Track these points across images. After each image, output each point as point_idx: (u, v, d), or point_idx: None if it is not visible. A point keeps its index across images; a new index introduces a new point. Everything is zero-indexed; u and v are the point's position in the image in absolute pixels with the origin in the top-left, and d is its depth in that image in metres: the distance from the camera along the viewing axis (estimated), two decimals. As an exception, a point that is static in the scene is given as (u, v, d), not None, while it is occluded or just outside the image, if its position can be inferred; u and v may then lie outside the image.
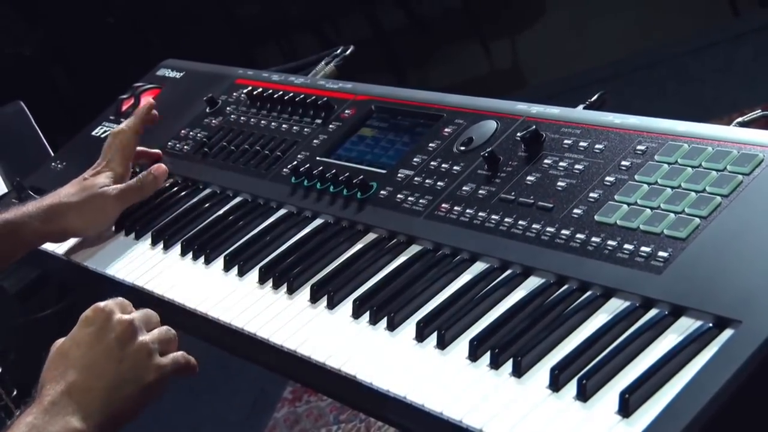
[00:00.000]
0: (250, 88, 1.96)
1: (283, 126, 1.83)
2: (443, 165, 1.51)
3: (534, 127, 1.44)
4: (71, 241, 1.86)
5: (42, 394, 1.33)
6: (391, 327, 1.32)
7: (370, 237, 1.51)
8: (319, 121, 1.78)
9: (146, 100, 2.16)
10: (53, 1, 4.96)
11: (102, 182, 1.81)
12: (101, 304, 1.40)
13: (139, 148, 1.92)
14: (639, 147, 1.33)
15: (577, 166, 1.37)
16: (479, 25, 5.02)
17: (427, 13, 5.44)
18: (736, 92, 3.68)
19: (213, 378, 3.44)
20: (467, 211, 1.42)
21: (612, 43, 4.49)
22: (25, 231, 1.77)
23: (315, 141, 1.74)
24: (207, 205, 1.78)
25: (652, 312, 1.16)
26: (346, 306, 1.39)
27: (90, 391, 1.33)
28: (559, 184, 1.36)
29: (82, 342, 1.36)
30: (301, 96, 1.84)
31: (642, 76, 4.18)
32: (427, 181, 1.51)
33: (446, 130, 1.57)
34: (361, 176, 1.57)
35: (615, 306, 1.19)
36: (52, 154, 2.27)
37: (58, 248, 1.87)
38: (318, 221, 1.60)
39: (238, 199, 1.76)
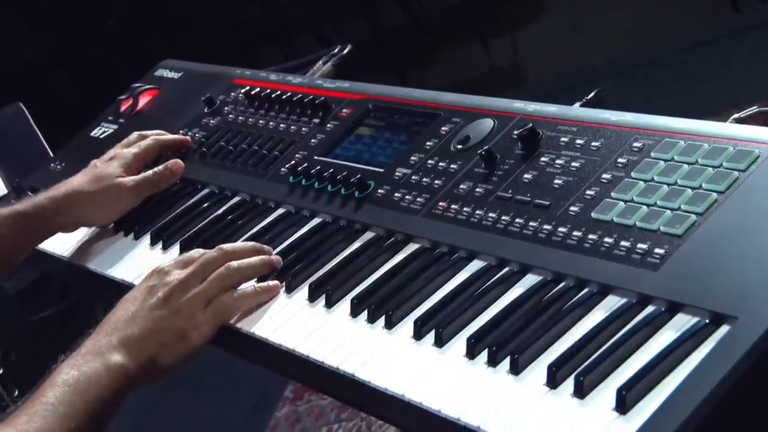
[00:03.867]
0: (247, 87, 1.96)
1: (281, 125, 1.83)
2: (440, 163, 1.52)
3: (531, 125, 1.44)
4: (72, 242, 1.87)
5: (82, 345, 1.41)
6: (389, 325, 1.32)
7: (368, 236, 1.51)
8: (316, 120, 1.78)
9: (144, 100, 2.17)
10: (53, 3, 4.97)
11: (115, 172, 1.80)
12: (163, 263, 1.50)
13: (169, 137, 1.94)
14: (635, 144, 1.34)
15: (573, 164, 1.37)
16: (479, 23, 5.02)
17: (427, 12, 5.45)
18: (735, 89, 3.68)
19: (215, 378, 3.44)
20: (464, 209, 1.42)
21: (611, 40, 4.49)
22: (37, 222, 1.77)
23: (313, 140, 1.74)
24: (205, 205, 1.78)
25: (649, 309, 1.16)
26: (344, 304, 1.40)
27: (129, 335, 1.41)
28: (556, 181, 1.36)
29: (130, 298, 1.46)
30: (299, 95, 1.84)
31: (641, 73, 4.18)
32: (424, 179, 1.51)
33: (443, 128, 1.57)
34: (359, 175, 1.57)
35: (612, 303, 1.19)
36: (52, 155, 2.27)
37: (59, 249, 1.87)
38: (316, 220, 1.61)
39: (236, 199, 1.76)
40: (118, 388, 1.37)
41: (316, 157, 1.70)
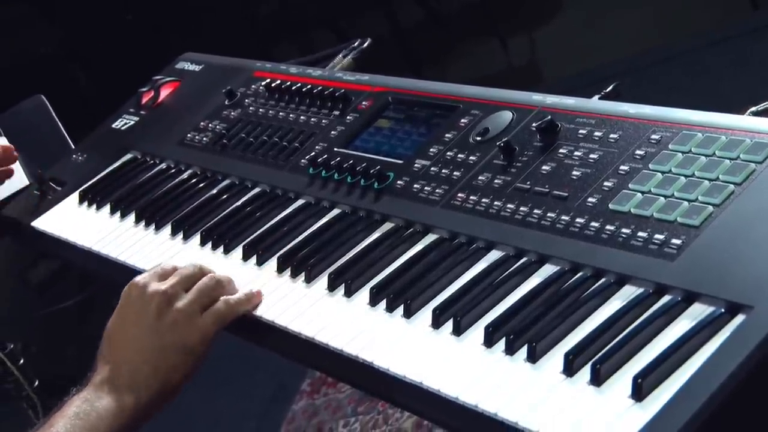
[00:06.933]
0: (268, 80, 1.98)
1: (301, 117, 1.85)
2: (459, 155, 1.53)
3: (549, 117, 1.45)
4: (93, 232, 1.88)
5: (93, 376, 1.40)
6: (408, 314, 1.33)
7: (387, 226, 1.53)
8: (336, 112, 1.80)
9: (165, 92, 2.19)
10: (72, -2, 5.00)
11: None
12: (137, 278, 1.48)
13: None
14: (653, 136, 1.35)
15: (591, 156, 1.38)
16: (496, 20, 5.02)
17: (445, 8, 5.45)
18: (753, 86, 3.68)
19: (232, 370, 3.46)
20: (483, 200, 1.43)
21: (629, 37, 4.49)
22: None
23: (332, 132, 1.76)
24: (226, 196, 1.80)
25: (665, 298, 1.17)
26: (364, 294, 1.41)
27: (136, 366, 1.41)
28: (574, 173, 1.37)
29: (122, 320, 1.45)
30: (319, 88, 1.85)
31: (658, 70, 4.18)
32: (443, 171, 1.52)
33: (462, 120, 1.59)
34: (378, 167, 1.59)
35: (629, 293, 1.21)
36: (73, 147, 2.29)
37: (80, 239, 1.89)
38: (335, 211, 1.62)
39: (256, 190, 1.78)
40: (130, 423, 1.38)
41: (335, 149, 1.71)
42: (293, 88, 1.90)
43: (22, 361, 2.40)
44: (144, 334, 1.42)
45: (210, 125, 1.99)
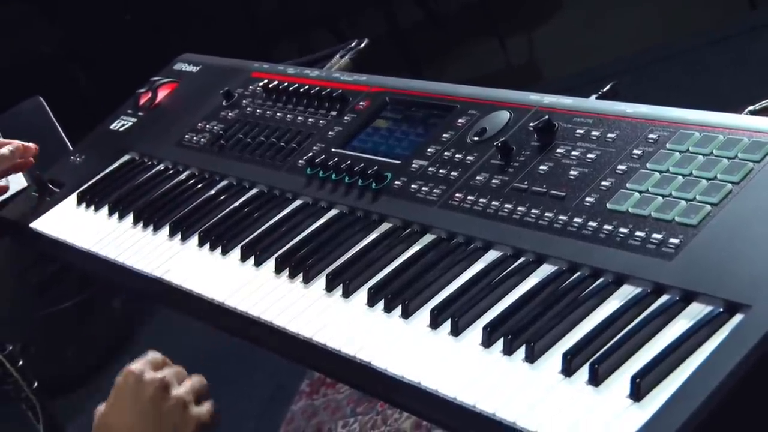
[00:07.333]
0: (265, 81, 1.98)
1: (299, 118, 1.84)
2: (457, 155, 1.53)
3: (547, 117, 1.45)
4: (91, 233, 1.88)
5: None
6: (406, 314, 1.33)
7: (385, 227, 1.53)
8: (334, 113, 1.80)
9: (163, 93, 2.19)
10: (72, -2, 5.00)
11: None
12: (132, 366, 1.46)
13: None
14: (651, 136, 1.35)
15: (589, 155, 1.38)
16: (495, 20, 5.02)
17: (443, 8, 5.45)
18: (752, 85, 3.68)
19: (231, 371, 3.46)
20: (481, 200, 1.43)
21: (628, 36, 4.49)
22: None
23: (330, 133, 1.76)
24: (223, 196, 1.80)
25: (663, 298, 1.17)
26: (361, 294, 1.41)
27: None
28: (572, 172, 1.37)
29: (119, 408, 1.43)
30: (316, 88, 1.85)
31: (658, 69, 4.18)
32: (441, 171, 1.52)
33: (459, 120, 1.59)
34: (376, 167, 1.59)
35: (627, 292, 1.21)
36: (71, 148, 2.29)
37: (78, 240, 1.89)
38: (333, 212, 1.62)
39: (254, 191, 1.78)
40: None
41: (333, 149, 1.71)
42: (290, 88, 1.90)
43: (21, 362, 2.40)
44: (143, 423, 1.40)
45: (208, 126, 1.99)
